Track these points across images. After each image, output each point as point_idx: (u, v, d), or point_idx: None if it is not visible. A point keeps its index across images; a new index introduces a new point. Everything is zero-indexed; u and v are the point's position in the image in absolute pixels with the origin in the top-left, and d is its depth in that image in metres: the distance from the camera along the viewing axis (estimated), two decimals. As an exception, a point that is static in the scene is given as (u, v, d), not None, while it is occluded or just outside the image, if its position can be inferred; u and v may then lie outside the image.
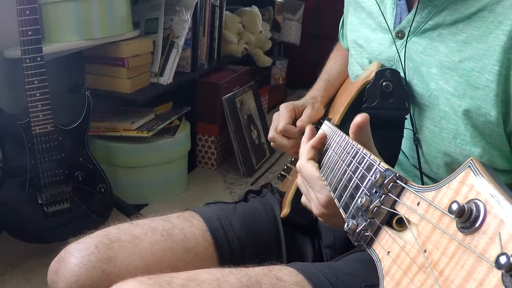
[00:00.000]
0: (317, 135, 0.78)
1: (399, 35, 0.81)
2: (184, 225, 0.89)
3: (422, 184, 0.81)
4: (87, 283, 0.80)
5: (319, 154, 0.77)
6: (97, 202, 1.73)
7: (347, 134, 0.68)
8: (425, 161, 0.81)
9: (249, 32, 2.83)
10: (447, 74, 0.74)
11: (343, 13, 1.08)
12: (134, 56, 1.95)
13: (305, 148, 0.77)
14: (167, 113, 2.24)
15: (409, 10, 0.81)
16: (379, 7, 0.85)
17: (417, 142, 0.80)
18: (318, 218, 0.74)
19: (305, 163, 0.74)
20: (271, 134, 0.99)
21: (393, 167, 0.56)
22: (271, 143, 1.00)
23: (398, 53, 0.81)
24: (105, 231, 0.86)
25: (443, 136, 0.76)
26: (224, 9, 2.60)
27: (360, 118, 0.66)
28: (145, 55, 2.03)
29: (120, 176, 2.04)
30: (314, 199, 0.72)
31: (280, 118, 0.99)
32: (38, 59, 1.50)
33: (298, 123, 0.97)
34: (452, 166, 0.77)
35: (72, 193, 1.66)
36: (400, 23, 0.81)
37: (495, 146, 0.73)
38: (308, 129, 0.84)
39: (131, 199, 2.02)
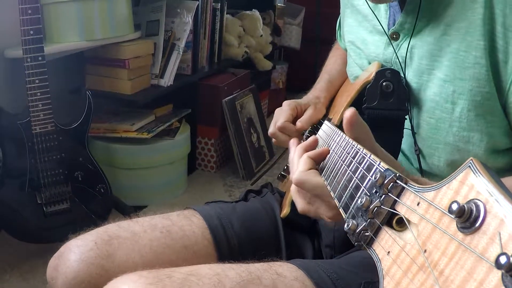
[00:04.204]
0: (319, 150, 0.73)
1: (394, 36, 0.82)
2: (184, 223, 0.89)
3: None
4: (86, 279, 0.80)
5: (316, 164, 0.73)
6: (97, 202, 1.73)
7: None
8: (426, 156, 0.81)
9: (250, 36, 2.84)
10: (438, 62, 0.75)
11: (340, 14, 1.09)
12: (135, 58, 1.96)
13: (302, 158, 0.72)
14: (167, 115, 2.24)
15: (402, 10, 0.82)
16: (372, 10, 0.85)
17: (417, 148, 0.80)
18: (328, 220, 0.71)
19: (306, 173, 0.69)
20: (271, 129, 0.98)
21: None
22: (272, 140, 1.00)
23: (396, 54, 0.81)
24: (105, 228, 0.86)
25: (440, 126, 0.76)
26: (225, 12, 2.60)
27: (349, 113, 0.64)
28: (146, 56, 2.04)
29: (120, 177, 2.04)
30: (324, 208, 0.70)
31: (280, 115, 0.98)
32: (39, 58, 1.50)
33: (298, 123, 0.96)
34: (453, 157, 0.78)
35: (72, 193, 1.66)
36: (394, 25, 0.82)
37: (496, 124, 0.73)
38: (311, 140, 0.81)
39: (130, 201, 2.02)
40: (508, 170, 0.77)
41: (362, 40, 0.90)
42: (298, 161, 0.72)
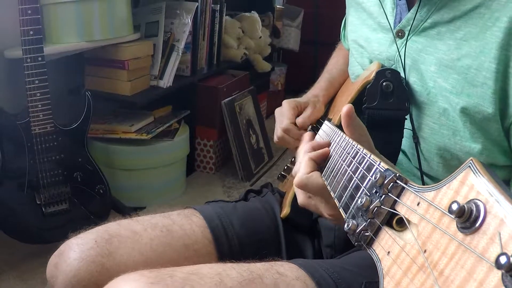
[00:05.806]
0: (321, 151, 0.74)
1: (399, 34, 0.82)
2: (184, 222, 0.89)
3: (423, 183, 0.81)
4: (86, 277, 0.80)
5: (318, 166, 0.74)
6: (96, 203, 1.73)
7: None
8: (424, 159, 0.81)
9: (249, 38, 2.84)
10: (445, 72, 0.75)
11: (343, 18, 1.09)
12: (134, 59, 1.95)
13: (304, 159, 0.73)
14: (166, 116, 2.24)
15: (409, 9, 0.82)
16: (381, 5, 0.86)
17: (416, 140, 0.81)
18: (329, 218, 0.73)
19: (308, 176, 0.71)
20: (279, 133, 1.01)
21: (393, 167, 0.56)
22: (275, 139, 1.02)
23: (399, 52, 0.81)
24: (105, 226, 0.86)
25: (443, 133, 0.77)
26: (224, 14, 2.60)
27: (346, 108, 0.66)
28: (145, 58, 2.04)
29: (119, 178, 2.04)
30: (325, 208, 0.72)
31: (283, 116, 1.00)
32: (39, 59, 1.50)
33: (299, 119, 0.99)
34: (451, 163, 0.78)
35: (71, 194, 1.66)
36: (400, 22, 0.82)
37: (494, 142, 0.73)
38: (306, 137, 0.85)
39: (129, 202, 2.02)
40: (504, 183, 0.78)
41: (365, 38, 0.91)
42: (301, 161, 0.74)
